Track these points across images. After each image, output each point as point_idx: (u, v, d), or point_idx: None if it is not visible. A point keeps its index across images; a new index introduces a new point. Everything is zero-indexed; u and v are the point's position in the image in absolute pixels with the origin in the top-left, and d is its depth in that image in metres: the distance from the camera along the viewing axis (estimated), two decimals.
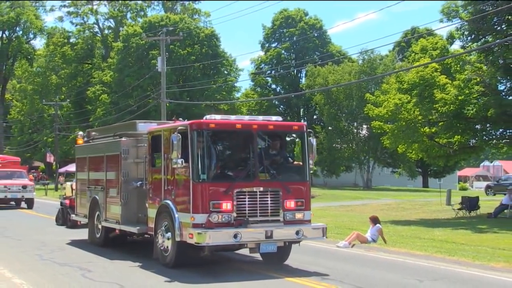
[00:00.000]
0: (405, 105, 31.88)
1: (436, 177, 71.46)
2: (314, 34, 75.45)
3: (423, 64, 32.30)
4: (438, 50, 35.50)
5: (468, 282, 14.05)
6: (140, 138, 17.32)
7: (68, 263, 15.77)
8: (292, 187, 14.61)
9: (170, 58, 61.71)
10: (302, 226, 14.44)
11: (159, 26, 62.10)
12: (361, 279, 13.68)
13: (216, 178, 14.11)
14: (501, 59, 28.18)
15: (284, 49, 77.66)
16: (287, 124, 18.25)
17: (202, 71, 68.95)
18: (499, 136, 32.35)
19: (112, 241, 18.57)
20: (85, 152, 20.80)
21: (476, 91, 30.06)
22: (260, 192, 14.14)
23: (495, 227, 24.96)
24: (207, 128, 14.18)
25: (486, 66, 30.04)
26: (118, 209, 17.36)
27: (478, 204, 31.34)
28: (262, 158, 14.53)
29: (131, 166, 17.28)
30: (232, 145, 15.30)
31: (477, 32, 30.42)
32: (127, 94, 65.25)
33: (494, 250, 18.52)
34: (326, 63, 65.87)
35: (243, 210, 13.91)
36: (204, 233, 13.27)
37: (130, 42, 67.33)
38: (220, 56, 69.62)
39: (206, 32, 70.32)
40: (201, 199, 13.71)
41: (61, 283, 13.29)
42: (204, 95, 65.59)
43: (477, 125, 31.55)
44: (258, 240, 13.92)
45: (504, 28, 29.68)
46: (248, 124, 14.74)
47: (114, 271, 14.82)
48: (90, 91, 72.67)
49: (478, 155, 49.57)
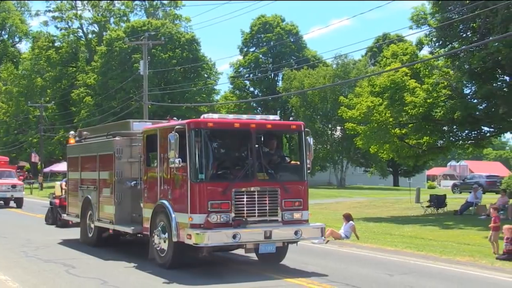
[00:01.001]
0: (377, 108, 32.06)
1: (406, 176, 71.84)
2: (291, 40, 75.59)
3: (394, 68, 32.49)
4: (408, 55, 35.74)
5: (436, 275, 14.17)
6: (134, 137, 16.63)
7: (53, 260, 15.62)
8: (290, 187, 14.00)
9: (152, 61, 61.38)
10: (301, 226, 13.90)
11: (141, 31, 61.86)
12: (335, 273, 13.72)
13: (214, 177, 13.45)
14: (467, 64, 28.39)
15: (261, 53, 77.77)
16: (285, 124, 17.85)
17: (183, 74, 68.75)
18: (465, 137, 32.62)
19: (105, 241, 17.87)
20: (77, 151, 19.93)
21: (444, 95, 30.30)
22: (258, 192, 13.51)
23: (460, 223, 25.18)
24: (205, 127, 13.48)
25: (453, 71, 30.29)
26: (111, 209, 16.68)
27: (445, 201, 31.63)
28: (261, 158, 13.81)
29: (125, 165, 16.55)
30: (230, 145, 14.58)
31: (444, 38, 30.64)
32: (110, 96, 64.88)
33: (459, 245, 18.69)
34: (302, 67, 66.00)
35: (241, 210, 13.27)
36: (203, 234, 12.65)
37: (114, 46, 66.96)
38: (200, 60, 69.47)
39: (187, 37, 70.14)
40: (199, 199, 13.07)
41: (45, 279, 13.17)
42: (185, 98, 65.37)
43: (444, 127, 31.79)
44: (257, 241, 13.30)
45: (469, 35, 29.93)
46: (246, 123, 14.07)
47: (97, 268, 14.72)
48: (74, 93, 72.11)
49: (445, 155, 49.93)
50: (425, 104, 30.29)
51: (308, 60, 70.67)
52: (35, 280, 12.94)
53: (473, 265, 15.50)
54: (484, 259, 16.04)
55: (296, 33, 77.37)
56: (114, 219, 16.51)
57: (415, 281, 13.15)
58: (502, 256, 15.89)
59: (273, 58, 77.98)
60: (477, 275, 14.34)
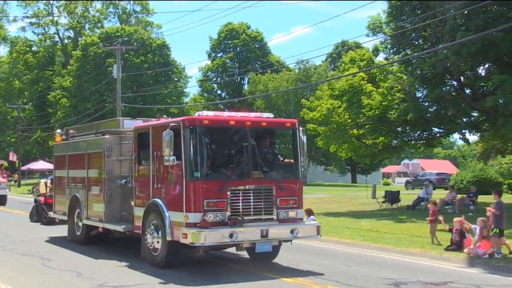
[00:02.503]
0: (336, 110, 32.24)
1: (363, 174, 72.45)
2: (256, 46, 75.61)
3: (352, 73, 32.73)
4: (365, 61, 36.09)
5: (390, 266, 14.32)
6: (124, 135, 15.69)
7: (30, 253, 15.40)
8: (285, 185, 13.12)
9: (125, 66, 60.87)
10: (297, 224, 13.04)
11: (115, 37, 61.26)
12: (301, 265, 13.78)
13: (210, 176, 12.45)
14: (419, 70, 28.69)
15: (228, 58, 77.65)
16: (280, 121, 16.98)
17: (154, 78, 68.26)
18: (417, 138, 33.01)
19: (94, 239, 16.87)
20: (64, 149, 18.78)
21: (398, 98, 30.63)
22: (254, 190, 12.63)
23: (413, 217, 25.42)
24: (200, 124, 12.50)
25: (406, 76, 30.62)
26: (101, 207, 15.71)
27: (399, 197, 31.92)
28: (256, 156, 12.90)
29: (115, 163, 15.61)
30: (226, 142, 13.45)
31: (398, 46, 30.95)
32: (85, 98, 64.12)
33: (412, 237, 18.89)
34: (266, 72, 66.09)
35: (237, 209, 12.41)
36: (200, 233, 11.80)
37: (88, 51, 66.20)
38: (170, 64, 69.10)
39: (158, 43, 69.71)
40: (195, 197, 12.16)
41: (22, 272, 12.98)
42: (156, 100, 64.98)
43: (398, 128, 32.09)
44: (254, 240, 12.43)
45: (421, 43, 30.28)
46: (241, 121, 13.17)
47: (73, 260, 14.55)
48: (51, 95, 71.09)
49: (399, 154, 50.41)
50: (380, 106, 30.59)
51: (272, 65, 70.80)
52: (12, 273, 12.74)
53: (424, 255, 15.71)
54: (434, 250, 16.27)
55: (260, 39, 77.44)
56: (104, 218, 15.58)
57: (371, 271, 13.28)
58: (451, 247, 16.13)
59: (239, 63, 77.98)
60: (428, 265, 14.55)
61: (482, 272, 13.80)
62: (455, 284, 12.16)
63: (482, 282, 12.39)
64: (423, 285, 11.94)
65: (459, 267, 14.44)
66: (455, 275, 13.23)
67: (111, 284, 11.56)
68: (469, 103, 28.91)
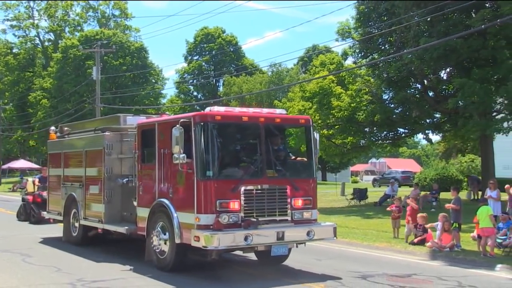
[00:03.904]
0: (307, 111, 32.36)
1: (332, 172, 72.72)
2: (230, 49, 75.54)
3: (322, 76, 32.94)
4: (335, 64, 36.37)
5: (358, 259, 14.44)
6: (124, 132, 14.56)
7: (10, 250, 15.17)
8: (300, 184, 12.04)
9: (104, 68, 60.30)
10: (313, 226, 11.96)
11: (94, 40, 60.63)
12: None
13: (222, 175, 11.28)
14: (385, 73, 28.98)
15: (204, 61, 77.47)
16: (294, 118, 15.65)
17: (133, 79, 67.73)
18: (384, 138, 33.30)
19: (91, 240, 15.77)
20: (60, 147, 17.41)
21: (365, 100, 30.91)
22: (268, 190, 11.51)
23: (379, 213, 25.63)
24: (212, 120, 11.32)
25: (373, 79, 30.91)
26: (100, 207, 14.54)
27: (367, 194, 32.14)
28: (270, 153, 11.76)
29: (115, 162, 14.46)
30: (239, 139, 12.39)
31: (366, 50, 31.20)
32: (65, 99, 63.35)
33: (378, 232, 19.05)
34: (241, 74, 66.08)
35: (250, 210, 11.25)
36: (213, 236, 10.63)
37: (68, 53, 65.41)
38: (148, 67, 68.67)
39: (136, 46, 69.20)
40: (207, 198, 11.00)
41: (2, 267, 12.77)
42: (134, 101, 64.50)
43: (366, 128, 32.33)
44: (270, 243, 11.32)
45: (387, 48, 30.58)
46: (255, 117, 11.99)
47: (52, 256, 14.38)
48: (31, 96, 70.10)
49: (367, 153, 50.84)
50: (349, 108, 30.82)
51: (246, 68, 70.78)
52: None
53: (389, 249, 15.89)
54: (399, 244, 16.46)
55: (235, 43, 77.37)
56: (104, 218, 14.42)
57: (340, 265, 13.37)
58: (414, 241, 16.34)
59: (214, 65, 77.82)
60: (393, 258, 14.71)
61: (443, 264, 14.03)
62: (419, 276, 12.33)
63: (443, 274, 12.59)
64: (388, 277, 12.05)
65: (422, 260, 14.66)
66: (418, 268, 13.42)
67: (90, 279, 11.45)
68: (432, 105, 29.29)
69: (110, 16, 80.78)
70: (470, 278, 12.22)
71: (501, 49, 24.63)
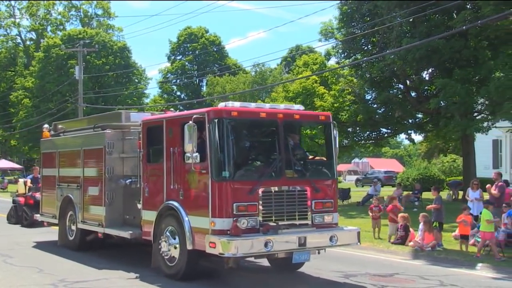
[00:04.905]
0: None
1: None
2: (214, 49, 75.50)
3: (305, 76, 33.04)
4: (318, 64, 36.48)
5: (341, 259, 14.47)
6: (126, 130, 13.68)
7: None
8: (320, 186, 11.18)
9: (87, 67, 59.87)
10: (336, 230, 11.11)
11: (77, 39, 60.17)
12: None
13: (239, 175, 10.39)
14: (368, 73, 29.15)
15: (187, 61, 77.38)
16: (314, 114, 14.50)
17: (116, 79, 67.38)
18: (366, 138, 33.49)
19: (89, 244, 14.83)
20: (54, 146, 16.39)
21: (348, 100, 31.07)
22: (287, 191, 10.66)
23: (362, 213, 25.65)
24: (228, 116, 10.42)
25: (356, 79, 31.06)
26: (101, 210, 13.57)
27: (350, 194, 32.16)
28: (289, 152, 10.88)
29: (116, 161, 13.53)
30: (256, 137, 11.61)
31: (349, 50, 31.36)
32: (47, 98, 62.81)
33: (361, 232, 18.87)
34: (224, 74, 65.98)
35: (269, 213, 10.40)
36: (231, 242, 9.74)
37: (51, 53, 64.86)
38: (131, 66, 68.34)
39: (119, 45, 68.82)
40: (223, 200, 10.12)
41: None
42: (117, 100, 64.15)
43: (349, 128, 32.49)
44: (291, 249, 10.43)
45: (370, 48, 30.77)
46: (273, 113, 11.05)
47: (33, 257, 14.23)
48: (13, 95, 69.40)
49: (349, 153, 51.07)
50: (332, 108, 30.94)
51: (230, 67, 70.74)
52: None
53: (372, 249, 15.97)
54: (382, 244, 16.55)
55: (218, 43, 77.34)
56: (105, 222, 13.44)
57: (324, 264, 13.36)
58: (397, 241, 16.45)
59: (198, 65, 77.71)
60: (376, 258, 14.79)
61: (425, 263, 14.14)
62: (401, 276, 12.41)
63: (425, 273, 12.69)
64: (371, 277, 12.12)
65: (405, 259, 14.76)
66: (401, 267, 13.51)
67: (72, 280, 11.36)
68: (414, 105, 29.52)
69: (93, 15, 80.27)
70: (451, 277, 12.32)
71: (482, 50, 24.92)
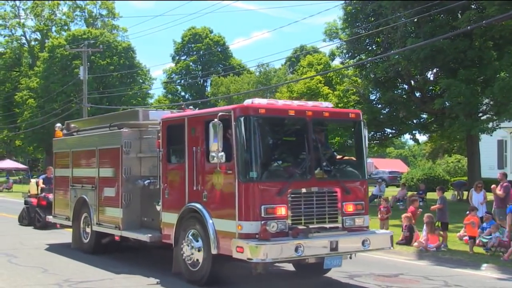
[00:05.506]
0: None
1: None
2: (218, 49, 75.55)
3: (309, 76, 33.02)
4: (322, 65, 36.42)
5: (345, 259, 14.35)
6: (144, 129, 13.23)
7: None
8: (351, 187, 10.71)
9: (91, 67, 60.01)
10: (368, 234, 10.60)
11: (82, 39, 60.33)
12: None
13: (267, 176, 9.92)
14: (372, 73, 29.09)
15: (192, 61, 77.50)
16: (343, 112, 13.73)
17: (120, 79, 67.49)
18: (371, 138, 33.40)
19: (105, 247, 14.30)
20: (68, 146, 15.87)
21: (353, 100, 31.03)
22: (317, 193, 10.17)
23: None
24: (255, 114, 9.92)
25: (360, 79, 31.02)
26: (118, 212, 13.09)
27: None
28: (318, 152, 10.39)
29: (134, 161, 13.08)
30: (284, 136, 11.19)
31: (353, 51, 31.31)
32: (52, 99, 62.94)
33: None
34: (228, 74, 66.02)
35: (298, 216, 9.91)
36: (260, 247, 9.21)
37: (55, 53, 65.00)
38: (135, 67, 68.45)
39: (124, 45, 68.93)
40: (251, 202, 9.62)
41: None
42: (122, 101, 64.25)
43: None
44: (322, 254, 9.88)
45: (374, 48, 30.72)
46: (302, 111, 10.56)
47: (38, 257, 14.23)
48: (17, 96, 69.60)
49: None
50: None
51: (234, 68, 70.78)
52: None
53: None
54: None
55: (223, 43, 77.39)
56: (122, 224, 12.94)
57: None
58: (401, 241, 16.42)
59: (202, 65, 77.83)
60: (380, 258, 14.74)
61: (430, 264, 14.12)
62: (405, 276, 12.39)
63: (430, 273, 12.67)
64: (375, 277, 12.10)
65: (409, 260, 14.73)
66: (405, 268, 13.48)
67: (76, 280, 11.37)
68: (419, 106, 29.46)
69: (97, 15, 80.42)
70: (456, 277, 12.30)
71: (487, 50, 24.85)
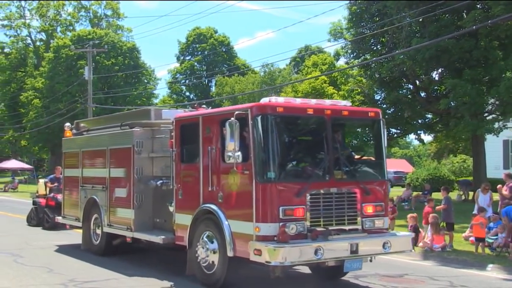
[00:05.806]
0: None
1: None
2: (223, 49, 75.59)
3: (314, 76, 33.01)
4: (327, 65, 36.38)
5: None
6: (156, 128, 12.96)
7: (1, 251, 14.98)
8: (371, 188, 10.38)
9: (96, 67, 60.15)
10: (388, 236, 10.30)
11: (87, 39, 60.49)
12: None
13: (285, 177, 9.63)
14: (377, 73, 29.06)
15: (196, 61, 77.55)
16: (363, 111, 13.24)
17: (125, 79, 67.63)
18: None
19: (116, 249, 14.11)
20: (77, 145, 15.60)
21: (358, 100, 30.96)
22: (336, 194, 9.91)
23: None
24: (273, 112, 9.64)
25: (365, 79, 30.98)
26: (129, 213, 12.79)
27: None
28: (337, 152, 10.16)
29: (146, 161, 12.79)
30: (302, 135, 10.87)
31: (358, 51, 31.30)
32: (57, 99, 63.13)
33: None
34: (233, 74, 66.02)
35: (317, 218, 9.63)
36: (278, 249, 8.95)
37: (60, 53, 65.19)
38: (140, 67, 68.57)
39: (128, 46, 69.08)
40: (268, 204, 9.32)
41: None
42: (126, 101, 64.39)
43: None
44: (342, 257, 9.60)
45: (379, 48, 30.70)
46: (320, 109, 10.28)
47: (43, 256, 14.25)
48: (23, 96, 69.85)
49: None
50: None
51: (239, 68, 70.80)
52: None
53: None
54: None
55: (227, 43, 77.43)
56: (133, 226, 12.67)
57: None
58: None
59: (207, 65, 77.89)
60: (385, 258, 14.60)
61: (435, 264, 14.10)
62: (410, 276, 12.37)
63: (435, 274, 12.64)
64: (381, 278, 12.08)
65: (414, 260, 14.69)
66: (410, 268, 13.45)
67: (82, 279, 11.38)
68: (424, 106, 29.41)
69: (102, 16, 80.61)
70: (461, 278, 12.27)
71: (493, 50, 24.78)
